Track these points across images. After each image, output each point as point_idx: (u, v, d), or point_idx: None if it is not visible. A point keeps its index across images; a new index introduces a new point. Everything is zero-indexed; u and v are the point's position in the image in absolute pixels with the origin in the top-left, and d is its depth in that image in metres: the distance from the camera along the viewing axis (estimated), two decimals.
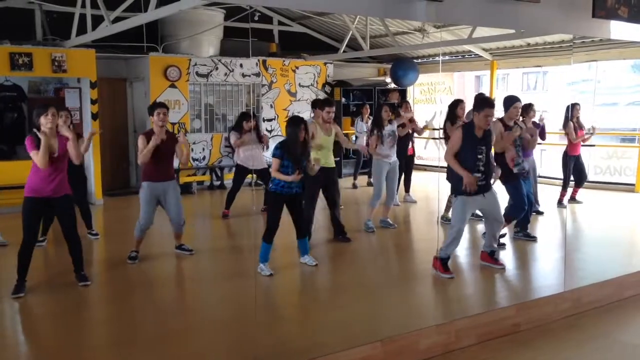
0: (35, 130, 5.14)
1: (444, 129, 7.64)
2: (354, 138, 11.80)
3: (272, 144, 6.76)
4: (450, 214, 7.73)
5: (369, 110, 11.17)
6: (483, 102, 5.52)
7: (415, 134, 9.62)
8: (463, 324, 4.34)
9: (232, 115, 11.71)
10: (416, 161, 9.78)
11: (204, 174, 11.50)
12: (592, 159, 7.97)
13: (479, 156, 5.49)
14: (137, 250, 6.32)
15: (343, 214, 7.37)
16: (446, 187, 6.06)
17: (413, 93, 14.09)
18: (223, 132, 11.57)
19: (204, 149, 11.39)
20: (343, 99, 12.95)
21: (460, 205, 5.56)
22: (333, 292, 5.62)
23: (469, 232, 8.03)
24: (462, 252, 6.97)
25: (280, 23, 12.87)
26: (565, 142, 8.88)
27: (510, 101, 6.49)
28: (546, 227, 7.84)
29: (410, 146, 9.42)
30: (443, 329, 4.25)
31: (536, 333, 4.50)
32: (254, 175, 9.19)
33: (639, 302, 5.20)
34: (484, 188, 5.59)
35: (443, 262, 5.68)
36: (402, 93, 13.37)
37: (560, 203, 9.02)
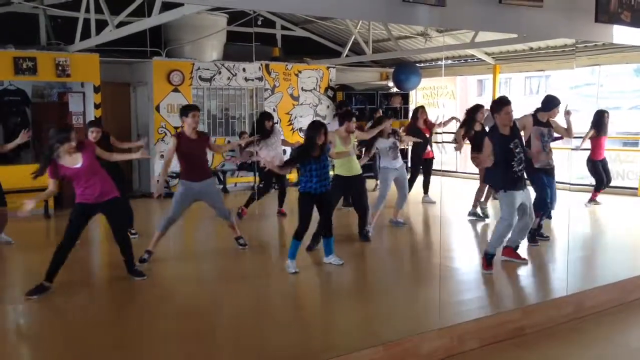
0: (45, 155, 5.23)
1: (457, 134, 7.91)
2: None
3: None
4: (478, 210, 8.19)
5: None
6: (500, 103, 5.82)
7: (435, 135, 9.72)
8: (466, 328, 4.34)
9: (235, 119, 11.74)
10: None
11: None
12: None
13: (516, 150, 5.73)
14: (152, 251, 6.29)
15: (349, 216, 7.38)
16: (450, 189, 6.07)
17: (415, 97, 14.09)
18: (226, 136, 11.59)
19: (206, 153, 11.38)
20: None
21: (510, 200, 5.74)
22: (334, 295, 5.62)
23: (472, 234, 8.04)
24: (465, 255, 6.97)
25: (283, 27, 12.90)
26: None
27: (552, 103, 6.74)
28: (550, 231, 7.83)
29: (429, 149, 9.45)
30: (445, 332, 4.24)
31: (540, 337, 4.49)
32: (258, 179, 9.17)
33: None
34: (522, 181, 5.86)
35: (488, 258, 5.87)
36: (405, 97, 13.39)
37: (594, 201, 9.39)
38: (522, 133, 6.23)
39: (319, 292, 5.79)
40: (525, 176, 6.31)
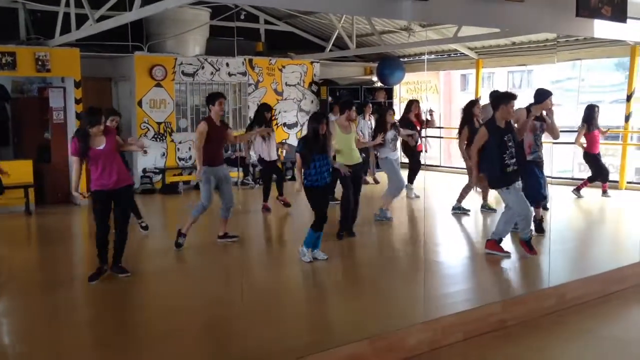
0: (81, 133, 5.45)
1: (460, 131, 8.10)
2: None
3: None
4: (462, 204, 8.40)
5: (371, 109, 10.96)
6: (508, 97, 5.98)
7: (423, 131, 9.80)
8: (449, 321, 4.37)
9: None
10: (404, 160, 9.85)
11: (190, 173, 11.44)
12: (576, 157, 8.17)
13: (509, 144, 5.89)
14: (184, 234, 6.58)
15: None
16: (435, 184, 6.10)
17: (399, 92, 14.13)
18: None
19: (190, 149, 11.34)
20: (330, 98, 12.95)
21: (514, 194, 5.90)
22: (319, 290, 5.63)
23: (456, 228, 8.10)
24: (449, 248, 7.02)
25: (266, 22, 12.84)
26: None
27: (544, 95, 6.86)
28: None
29: (419, 142, 9.55)
30: (430, 326, 4.27)
31: (522, 329, 4.53)
32: (241, 174, 9.16)
33: (624, 298, 5.26)
34: (518, 174, 5.98)
35: (497, 243, 6.14)
36: (389, 92, 13.40)
37: (604, 192, 9.59)
38: (515, 125, 6.33)
39: (303, 287, 5.79)
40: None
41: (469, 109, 8.17)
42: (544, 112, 6.85)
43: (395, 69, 12.71)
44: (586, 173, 10.35)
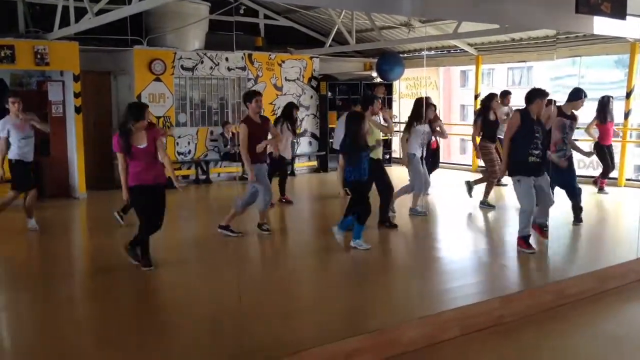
0: (123, 130, 5.47)
1: (476, 122, 8.36)
2: None
3: None
4: (488, 199, 8.52)
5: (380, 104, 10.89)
6: (539, 93, 6.06)
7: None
8: (448, 316, 4.38)
9: (217, 108, 11.66)
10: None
11: (189, 168, 11.46)
12: (575, 154, 8.22)
13: (537, 135, 6.01)
14: (229, 225, 6.89)
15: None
16: (435, 180, 6.09)
17: (399, 87, 14.12)
18: (208, 126, 11.52)
19: (189, 143, 11.34)
20: (329, 94, 12.94)
21: (525, 190, 6.05)
22: (317, 284, 5.64)
23: (458, 224, 8.11)
24: (448, 245, 7.03)
25: (266, 17, 12.81)
26: None
27: (577, 94, 7.11)
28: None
29: (433, 139, 9.51)
30: (428, 321, 4.28)
31: (520, 325, 4.54)
32: (239, 169, 9.16)
33: (622, 294, 5.27)
34: (540, 168, 6.05)
35: (525, 240, 6.17)
36: (388, 87, 13.40)
37: (601, 189, 9.73)
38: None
39: (301, 282, 5.79)
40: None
41: (487, 102, 8.36)
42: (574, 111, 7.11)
43: (395, 64, 12.71)
44: (584, 170, 10.38)
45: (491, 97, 8.52)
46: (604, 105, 9.48)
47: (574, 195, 7.39)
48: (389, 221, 7.39)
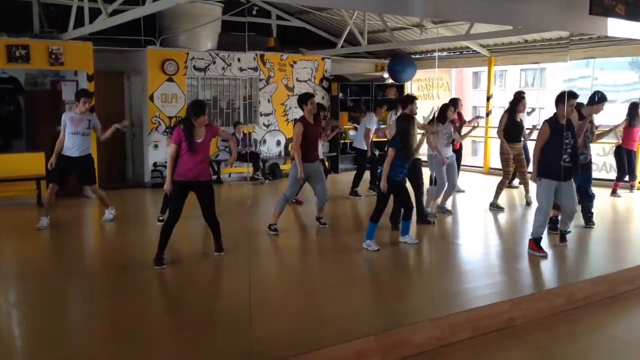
0: (186, 124, 5.80)
1: (502, 121, 8.47)
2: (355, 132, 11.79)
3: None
4: (498, 201, 8.57)
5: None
6: (569, 95, 6.02)
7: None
8: (458, 319, 4.37)
9: (229, 109, 11.71)
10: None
11: None
12: (594, 158, 8.21)
13: (566, 140, 6.02)
14: (276, 223, 7.18)
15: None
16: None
17: (411, 89, 14.09)
18: (220, 126, 11.56)
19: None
20: (341, 94, 12.94)
21: (546, 190, 6.06)
22: (327, 285, 5.64)
23: (469, 226, 8.08)
24: (459, 247, 7.01)
25: (278, 17, 12.84)
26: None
27: (600, 99, 7.19)
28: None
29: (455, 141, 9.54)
30: (438, 323, 4.27)
31: (530, 328, 4.52)
32: (250, 169, 9.18)
33: (632, 298, 5.23)
34: (568, 172, 6.07)
35: (537, 242, 6.18)
36: (400, 89, 13.38)
37: (614, 192, 9.71)
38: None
39: (309, 282, 5.80)
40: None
41: (515, 104, 8.43)
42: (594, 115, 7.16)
43: (407, 65, 12.66)
44: (597, 173, 10.29)
45: (518, 99, 8.46)
46: (634, 110, 9.58)
47: (587, 199, 7.38)
48: (425, 218, 7.65)
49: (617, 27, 5.70)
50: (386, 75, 13.64)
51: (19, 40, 9.06)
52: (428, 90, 14.09)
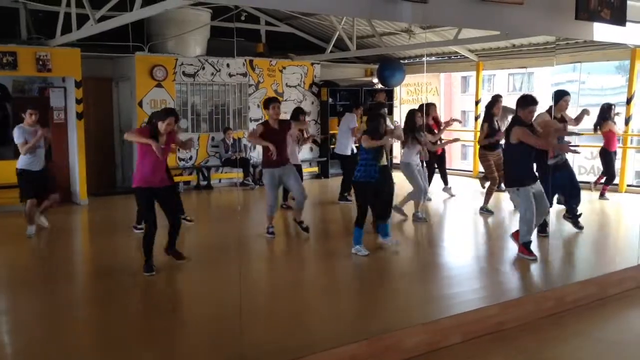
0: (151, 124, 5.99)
1: (482, 131, 8.40)
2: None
3: None
4: (488, 205, 8.58)
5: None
6: (528, 100, 6.09)
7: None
8: (448, 323, 4.37)
9: (218, 115, 11.69)
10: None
11: (190, 174, 11.47)
12: (576, 159, 8.22)
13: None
14: (272, 225, 7.23)
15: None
16: (437, 186, 6.07)
17: (400, 93, 14.14)
18: (209, 132, 11.54)
19: (190, 149, 11.33)
20: (330, 100, 12.97)
21: (525, 196, 6.07)
22: (317, 290, 5.63)
23: (457, 230, 8.10)
24: (448, 251, 7.03)
25: (267, 23, 12.86)
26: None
27: (559, 95, 7.20)
28: None
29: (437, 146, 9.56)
30: (429, 327, 4.27)
31: (520, 331, 4.54)
32: (241, 175, 9.15)
33: (621, 301, 5.26)
34: (535, 177, 6.19)
35: (526, 246, 6.18)
36: (389, 93, 13.42)
37: (602, 195, 9.71)
38: (540, 130, 6.40)
39: (300, 288, 5.79)
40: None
41: (490, 108, 8.38)
42: (562, 114, 7.13)
43: (396, 70, 12.68)
44: (585, 176, 10.38)
45: (493, 102, 8.41)
46: (606, 112, 9.56)
47: (574, 195, 7.33)
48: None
49: (602, 31, 5.74)
50: (375, 80, 13.68)
51: (6, 47, 9.00)
52: (417, 94, 14.14)
